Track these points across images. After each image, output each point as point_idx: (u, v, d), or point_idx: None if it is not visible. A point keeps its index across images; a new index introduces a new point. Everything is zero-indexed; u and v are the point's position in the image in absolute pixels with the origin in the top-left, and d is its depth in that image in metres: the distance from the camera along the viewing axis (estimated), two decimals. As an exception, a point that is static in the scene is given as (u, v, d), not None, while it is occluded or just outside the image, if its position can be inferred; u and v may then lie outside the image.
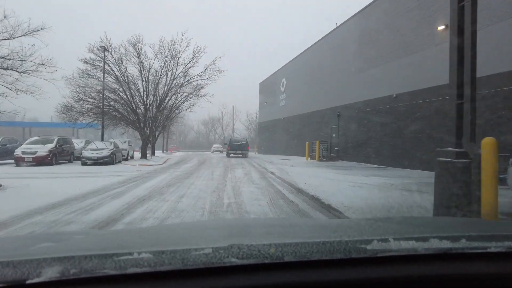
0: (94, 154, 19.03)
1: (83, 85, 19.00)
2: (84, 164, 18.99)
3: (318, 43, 28.09)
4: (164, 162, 21.84)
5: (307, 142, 24.95)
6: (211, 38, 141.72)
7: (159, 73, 21.53)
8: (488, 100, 12.08)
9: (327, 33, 26.50)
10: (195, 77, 22.42)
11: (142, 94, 20.95)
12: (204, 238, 1.46)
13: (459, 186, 4.58)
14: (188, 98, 26.92)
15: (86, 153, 19.19)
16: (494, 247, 1.08)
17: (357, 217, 5.77)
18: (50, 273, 0.86)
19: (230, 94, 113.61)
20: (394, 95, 17.62)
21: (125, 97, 20.39)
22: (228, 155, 30.82)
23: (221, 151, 47.90)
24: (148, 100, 21.37)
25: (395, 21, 17.81)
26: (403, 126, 17.01)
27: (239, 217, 6.07)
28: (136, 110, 20.69)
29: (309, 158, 24.53)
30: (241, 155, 30.00)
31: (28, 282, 0.85)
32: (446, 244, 1.07)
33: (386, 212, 6.23)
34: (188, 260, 0.93)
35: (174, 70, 21.74)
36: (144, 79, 21.00)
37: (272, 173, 14.55)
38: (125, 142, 25.56)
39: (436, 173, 5.03)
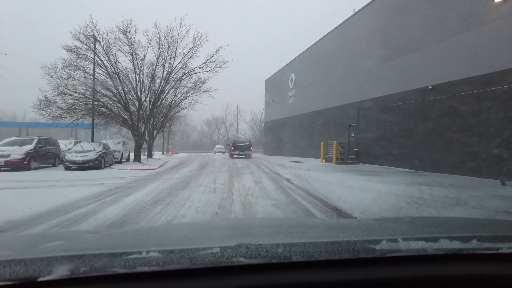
0: (79, 157, 16.44)
1: (66, 77, 16.41)
2: (67, 168, 16.42)
3: (332, 32, 25.35)
4: (161, 166, 19.23)
5: (322, 143, 22.24)
6: (211, 38, 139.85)
7: (155, 64, 18.91)
8: None
9: (343, 20, 23.78)
10: (196, 69, 19.79)
11: (135, 88, 18.35)
12: (212, 237, 1.51)
13: None
14: (189, 94, 24.36)
15: (69, 156, 16.61)
16: (506, 248, 1.06)
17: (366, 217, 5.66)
18: (60, 271, 0.87)
19: (234, 94, 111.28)
20: (430, 87, 14.88)
21: (115, 92, 17.78)
22: (231, 156, 30.17)
23: (223, 152, 47.28)
24: (142, 96, 18.75)
25: (431, -1, 15.09)
26: (442, 123, 14.27)
27: (246, 217, 5.98)
28: (128, 107, 18.07)
29: (324, 160, 21.83)
30: (244, 156, 29.67)
31: (39, 279, 0.86)
32: (456, 245, 1.06)
33: None
34: (196, 259, 0.92)
35: (172, 62, 19.15)
36: (137, 71, 18.40)
37: (288, 180, 11.89)
38: (119, 143, 23.03)
39: None
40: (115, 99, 17.91)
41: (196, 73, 20.00)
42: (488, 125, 12.06)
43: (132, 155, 22.67)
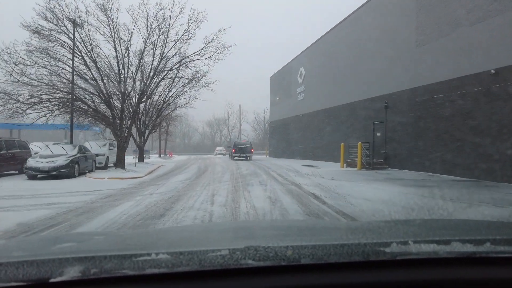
0: (44, 164, 13.13)
1: (29, 63, 13.08)
2: (31, 178, 13.14)
3: (352, 16, 21.94)
4: (149, 173, 15.89)
5: (342, 144, 18.83)
6: (211, 22, 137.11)
7: (142, 50, 15.56)
8: None
9: (364, 2, 20.41)
10: (192, 56, 16.43)
11: (118, 79, 15.03)
12: (221, 239, 1.52)
13: None
14: (186, 88, 21.04)
15: (31, 162, 13.28)
16: None
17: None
18: (72, 273, 0.87)
19: (237, 93, 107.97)
20: (492, 71, 11.49)
21: (93, 82, 14.46)
22: (232, 158, 30.13)
23: (224, 154, 46.88)
24: (127, 88, 15.42)
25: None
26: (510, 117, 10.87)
27: (256, 219, 5.89)
28: (109, 101, 14.74)
29: (344, 164, 18.44)
30: (245, 158, 29.81)
31: (51, 280, 0.86)
32: (469, 248, 1.04)
33: None
34: (205, 261, 0.93)
35: (163, 48, 15.83)
36: (120, 58, 15.07)
37: (315, 196, 8.51)
38: (104, 145, 19.72)
39: None
40: (92, 91, 14.56)
41: (192, 60, 16.64)
42: None
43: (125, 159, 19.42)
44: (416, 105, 15.37)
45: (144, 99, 15.93)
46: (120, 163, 15.17)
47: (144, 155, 33.77)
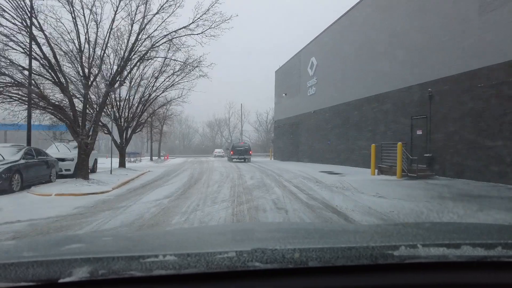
0: (-37, 174, 9.23)
1: None
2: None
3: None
4: (122, 185, 11.96)
5: (373, 145, 14.87)
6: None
7: (111, 21, 11.59)
8: None
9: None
10: (181, 31, 12.52)
11: (78, 58, 11.13)
12: (228, 241, 1.52)
13: None
14: (177, 77, 17.19)
15: None
16: None
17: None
18: (80, 273, 0.88)
19: (238, 93, 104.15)
20: None
21: (43, 61, 10.50)
22: (231, 160, 30.42)
23: (222, 156, 46.38)
24: (92, 71, 11.51)
25: None
26: None
27: (263, 222, 5.83)
28: (65, 86, 10.78)
29: (376, 171, 14.50)
30: (243, 160, 30.08)
31: (60, 281, 0.87)
32: (480, 252, 1.02)
33: None
34: (213, 263, 0.93)
35: (143, 21, 11.93)
36: (78, 29, 11.10)
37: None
38: (75, 147, 15.79)
39: None
40: (40, 70, 10.61)
41: (181, 36, 12.72)
42: None
43: (108, 163, 15.50)
44: (480, 92, 11.42)
45: (116, 85, 12.01)
46: (81, 172, 11.22)
47: (132, 159, 29.96)
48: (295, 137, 29.91)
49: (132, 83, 17.18)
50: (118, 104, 17.09)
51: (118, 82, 11.81)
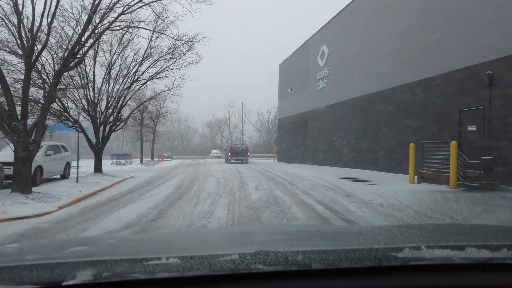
0: None
1: None
2: None
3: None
4: (83, 199, 8.77)
5: (412, 145, 11.64)
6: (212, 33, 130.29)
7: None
8: None
9: None
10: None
11: (14, 24, 7.97)
12: (231, 243, 1.52)
13: None
14: (164, 62, 14.07)
15: None
16: None
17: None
18: (84, 276, 0.88)
19: (239, 92, 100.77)
20: None
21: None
22: (228, 161, 30.41)
23: (220, 157, 44.72)
24: (34, 38, 8.28)
25: None
26: None
27: (266, 224, 5.80)
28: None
29: (416, 178, 11.29)
30: (241, 161, 29.74)
31: (63, 284, 0.87)
32: (485, 254, 1.00)
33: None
34: (216, 265, 0.92)
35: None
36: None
37: None
38: (43, 146, 12.62)
39: None
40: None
41: None
42: None
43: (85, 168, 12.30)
44: None
45: (73, 64, 8.78)
46: (18, 183, 7.98)
47: (122, 161, 26.67)
48: (302, 136, 26.72)
49: (108, 68, 14.03)
50: (90, 94, 13.92)
51: (75, 58, 8.60)
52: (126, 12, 9.16)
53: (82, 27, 8.85)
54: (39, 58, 9.09)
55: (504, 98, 10.07)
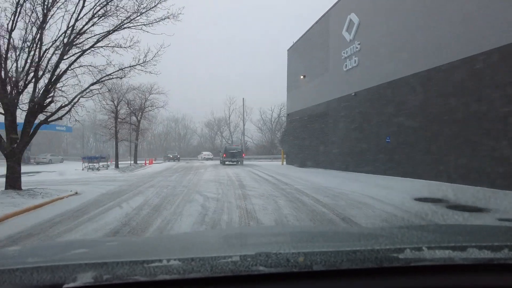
0: None
1: None
2: None
3: None
4: None
5: None
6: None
7: None
8: None
9: None
10: None
11: None
12: (232, 245, 1.52)
13: None
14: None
15: None
16: None
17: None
18: (85, 279, 0.88)
19: (239, 89, 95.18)
20: None
21: None
22: (223, 163, 29.90)
23: (211, 158, 45.25)
24: None
25: None
26: None
27: (267, 225, 5.62)
28: None
29: None
30: (235, 163, 29.50)
31: (64, 286, 0.86)
32: (486, 254, 1.00)
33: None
34: (217, 267, 0.92)
35: None
36: None
37: None
38: None
39: None
40: None
41: None
42: None
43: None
44: None
45: None
46: None
47: (96, 165, 20.69)
48: (319, 134, 21.06)
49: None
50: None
51: None
52: None
53: None
54: None
55: None
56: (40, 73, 9.14)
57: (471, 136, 9.80)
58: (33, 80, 9.01)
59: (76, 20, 9.08)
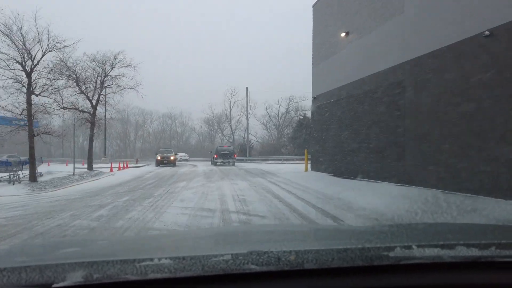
0: None
1: None
2: None
3: None
4: None
5: None
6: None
7: None
8: None
9: None
10: None
11: None
12: (224, 244, 1.54)
13: None
14: None
15: None
16: None
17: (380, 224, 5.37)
18: (74, 278, 0.86)
19: (241, 81, 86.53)
20: None
21: None
22: (214, 164, 29.74)
23: (187, 160, 44.35)
24: None
25: None
26: None
27: (260, 224, 5.61)
28: None
29: None
30: (227, 164, 28.94)
31: (53, 286, 0.85)
32: (474, 252, 1.01)
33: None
34: (208, 266, 0.91)
35: None
36: None
37: None
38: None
39: None
40: None
41: None
42: None
43: None
44: None
45: None
46: None
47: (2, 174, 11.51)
48: (383, 119, 12.23)
49: None
50: None
51: None
52: None
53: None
54: None
55: None
56: None
57: None
58: None
59: None
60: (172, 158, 28.28)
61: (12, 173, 12.65)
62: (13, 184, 12.02)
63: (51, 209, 7.56)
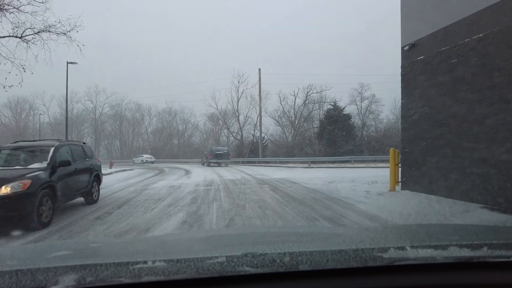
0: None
1: None
2: None
3: None
4: None
5: None
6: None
7: None
8: None
9: None
10: None
11: None
12: (218, 246, 1.49)
13: None
14: None
15: None
16: None
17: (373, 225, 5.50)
18: (67, 281, 0.85)
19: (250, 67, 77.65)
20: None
21: None
22: (208, 164, 29.81)
23: (152, 162, 42.42)
24: None
25: None
26: None
27: (254, 225, 5.80)
28: None
29: None
30: (222, 164, 29.25)
31: None
32: (466, 253, 1.02)
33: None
34: (202, 268, 0.91)
35: None
36: None
37: None
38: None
39: None
40: None
41: None
42: None
43: None
44: None
45: None
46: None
47: None
48: None
49: None
50: None
51: None
52: None
53: None
54: None
55: None
56: None
57: None
58: None
59: None
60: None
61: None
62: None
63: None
